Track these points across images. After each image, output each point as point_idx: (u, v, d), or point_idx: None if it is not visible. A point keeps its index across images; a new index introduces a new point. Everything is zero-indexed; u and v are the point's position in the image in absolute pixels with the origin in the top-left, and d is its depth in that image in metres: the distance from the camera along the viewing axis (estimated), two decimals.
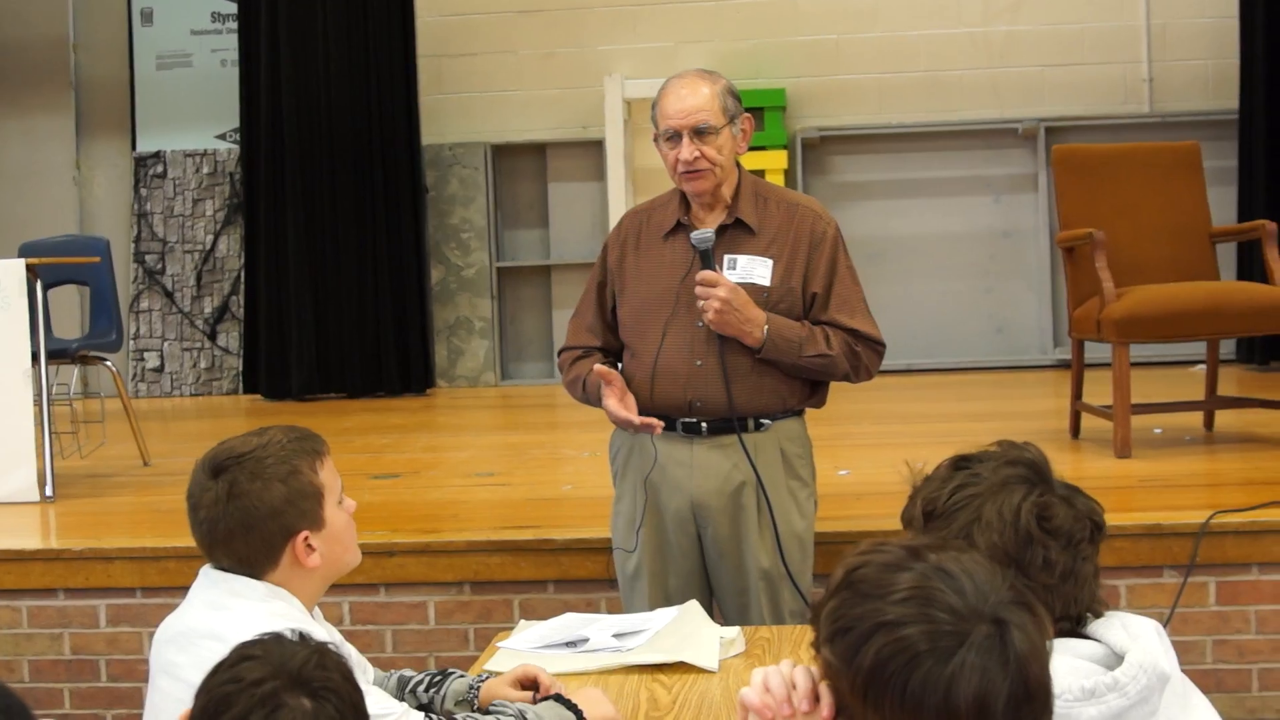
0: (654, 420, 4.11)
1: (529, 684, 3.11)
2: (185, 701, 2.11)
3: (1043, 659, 1.72)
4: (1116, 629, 2.39)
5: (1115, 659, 2.33)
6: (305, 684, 2.05)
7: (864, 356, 4.21)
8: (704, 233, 4.09)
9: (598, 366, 4.15)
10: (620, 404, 4.13)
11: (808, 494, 4.30)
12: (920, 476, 2.52)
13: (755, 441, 4.17)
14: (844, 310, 4.20)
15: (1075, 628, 2.42)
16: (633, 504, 4.27)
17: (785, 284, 4.16)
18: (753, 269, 4.15)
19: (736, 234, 4.18)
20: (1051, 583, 2.36)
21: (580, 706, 2.95)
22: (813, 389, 4.28)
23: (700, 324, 4.11)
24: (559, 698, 2.98)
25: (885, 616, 1.71)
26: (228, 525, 2.85)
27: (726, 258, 4.14)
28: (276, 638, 2.13)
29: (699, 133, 4.11)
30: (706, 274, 4.05)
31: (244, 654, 2.10)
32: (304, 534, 2.88)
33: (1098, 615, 2.43)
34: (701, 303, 4.05)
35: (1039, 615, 1.75)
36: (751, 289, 4.10)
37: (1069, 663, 2.32)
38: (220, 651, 2.12)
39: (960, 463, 2.48)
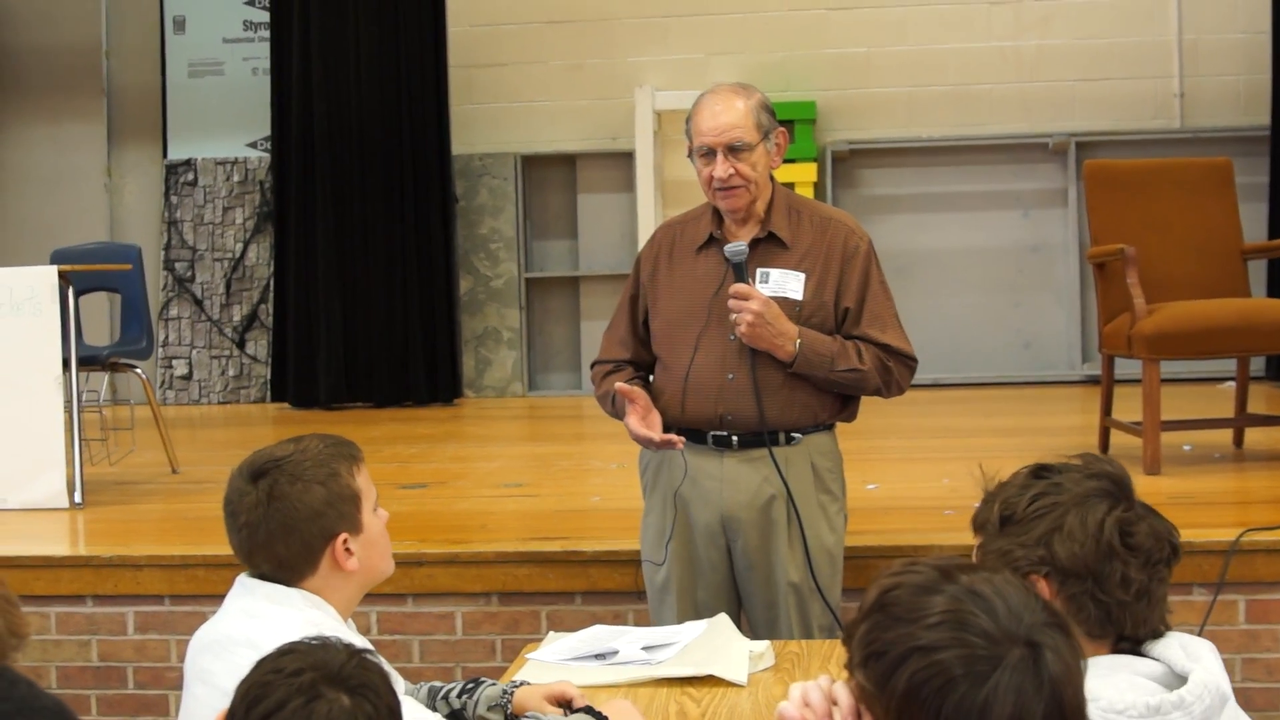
0: (674, 436, 4.11)
1: (563, 702, 3.11)
2: (219, 709, 2.11)
3: (1077, 681, 1.71)
4: (1175, 649, 2.38)
5: (1174, 678, 2.33)
6: (344, 681, 2.05)
7: (896, 372, 4.20)
8: (737, 245, 4.09)
9: (620, 385, 4.15)
10: (641, 422, 4.12)
11: (838, 508, 4.29)
12: (994, 481, 2.52)
13: (786, 455, 4.16)
14: (876, 325, 4.20)
15: (1134, 647, 2.41)
16: (662, 517, 4.27)
17: (818, 298, 4.15)
18: (785, 283, 4.15)
19: (769, 248, 4.17)
20: (1126, 600, 2.36)
21: (610, 718, 2.95)
22: (844, 403, 4.27)
23: (732, 337, 4.11)
24: (590, 710, 2.98)
25: (919, 641, 1.70)
26: (269, 529, 2.86)
27: (759, 271, 4.13)
28: (321, 641, 2.13)
29: (733, 150, 4.10)
30: (740, 287, 4.05)
31: (285, 649, 2.11)
32: (343, 536, 2.89)
33: (1158, 635, 2.42)
34: (734, 316, 4.04)
35: (1072, 637, 1.74)
36: (784, 303, 4.09)
37: (1129, 679, 2.32)
38: (255, 659, 2.13)
39: (1041, 471, 2.47)
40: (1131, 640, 2.39)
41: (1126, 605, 2.35)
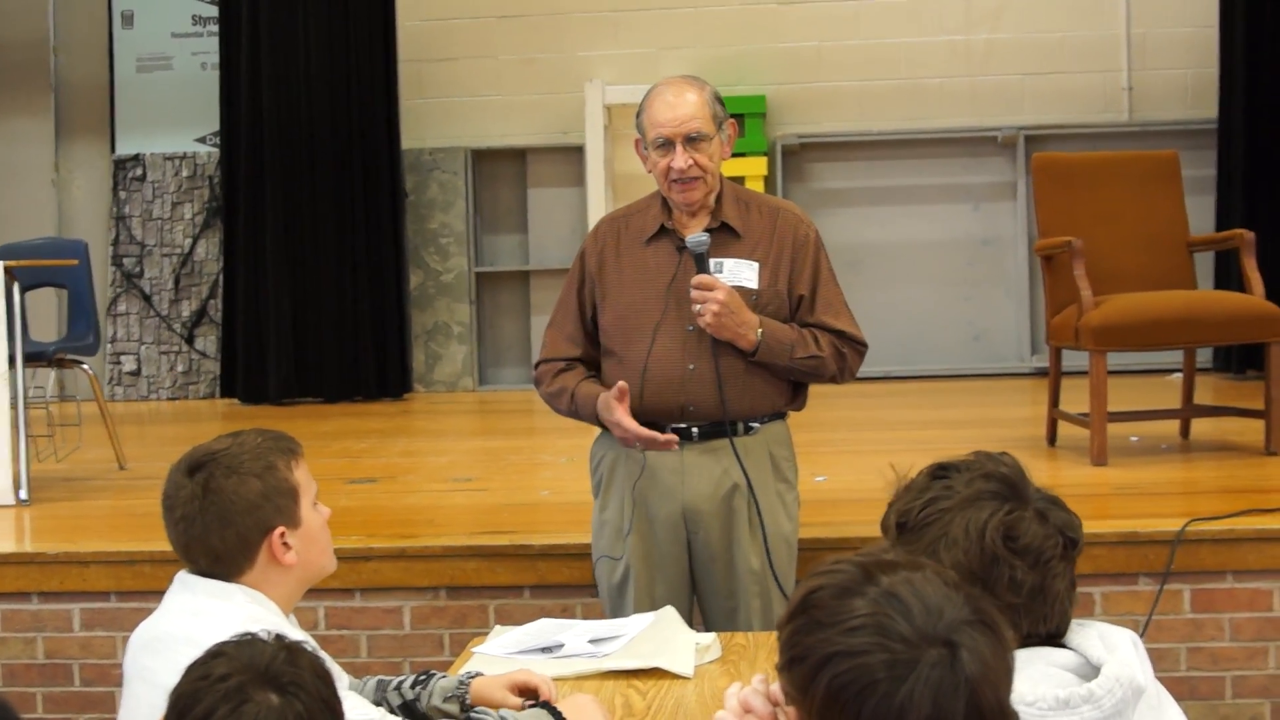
0: (673, 436, 4.12)
1: (525, 692, 3.10)
2: (159, 707, 2.10)
3: (996, 679, 1.70)
4: (1094, 639, 2.37)
5: (1091, 669, 2.32)
6: (273, 680, 2.04)
7: (849, 357, 4.25)
8: (699, 236, 4.10)
9: (619, 386, 4.13)
10: (634, 421, 4.11)
11: (794, 496, 4.34)
12: (903, 482, 2.51)
13: (745, 445, 4.19)
14: (829, 312, 4.24)
15: (1052, 639, 2.40)
16: (620, 512, 4.26)
17: (772, 287, 4.18)
18: (739, 272, 4.17)
19: (722, 238, 4.19)
20: (1017, 602, 2.32)
21: (568, 716, 2.93)
22: (795, 391, 4.31)
23: (691, 328, 4.12)
24: (546, 705, 2.97)
25: (838, 646, 1.69)
26: (204, 522, 2.84)
27: (713, 261, 4.14)
28: (250, 637, 2.13)
29: (691, 141, 4.12)
30: (703, 278, 4.06)
31: (215, 652, 2.10)
32: (280, 530, 2.87)
33: (1063, 631, 2.41)
34: (698, 307, 4.05)
35: (998, 633, 1.73)
36: (740, 292, 4.10)
37: (1043, 670, 2.31)
38: (195, 656, 2.12)
39: (938, 472, 2.45)
40: (1038, 637, 2.38)
41: (1018, 607, 2.33)
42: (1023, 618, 2.34)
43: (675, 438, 4.12)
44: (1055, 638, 2.39)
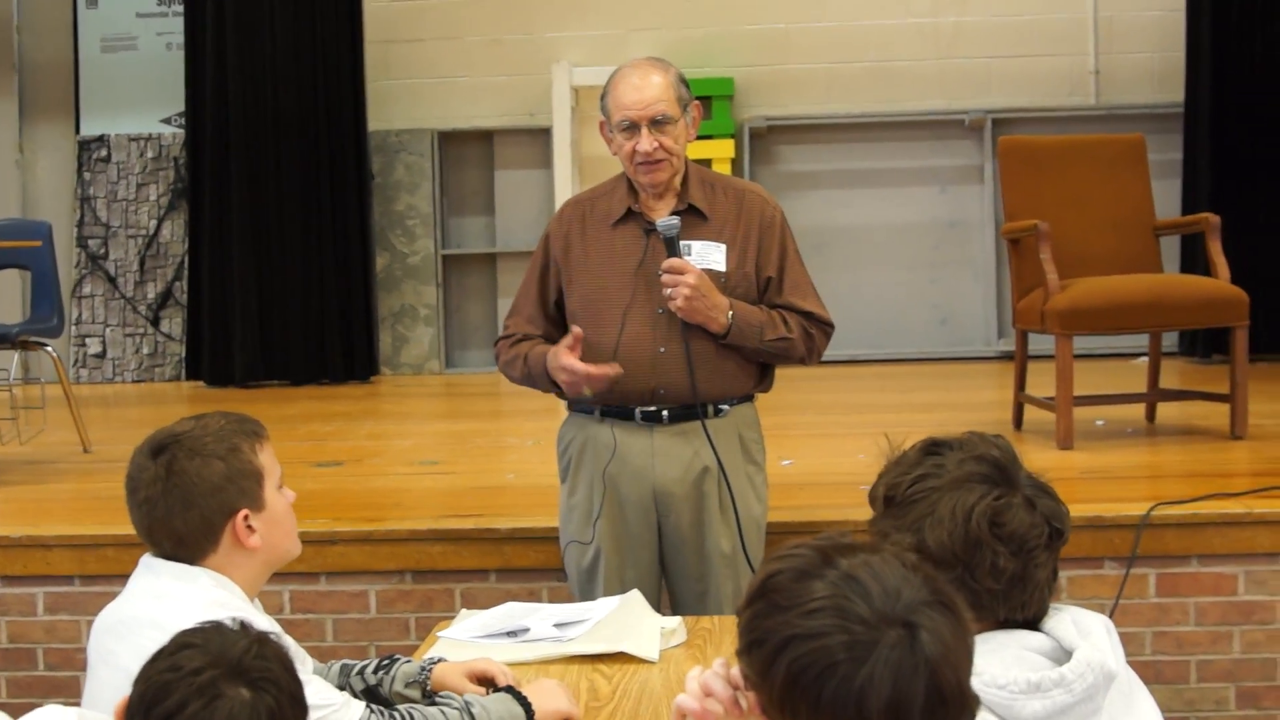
0: (616, 366, 4.09)
1: (484, 680, 3.09)
2: (123, 690, 2.09)
3: (956, 661, 1.70)
4: (1067, 624, 2.37)
5: (1063, 653, 2.32)
6: (244, 674, 2.03)
7: (817, 338, 4.27)
8: (670, 220, 4.09)
9: (564, 340, 4.10)
10: (571, 356, 4.07)
11: (763, 478, 4.35)
12: (895, 454, 2.50)
13: (715, 427, 4.20)
14: (797, 293, 4.25)
15: (1027, 622, 2.40)
16: (588, 496, 4.26)
17: (740, 269, 4.19)
18: (708, 254, 4.17)
19: (689, 220, 4.18)
20: (997, 588, 2.32)
21: (532, 700, 2.93)
22: (763, 374, 4.32)
23: (661, 311, 4.12)
24: (510, 690, 2.97)
25: (797, 629, 1.69)
26: (167, 504, 2.83)
27: (682, 244, 4.13)
28: (217, 626, 2.11)
29: (657, 123, 4.11)
30: (674, 261, 4.05)
31: (183, 642, 2.08)
32: (244, 513, 2.86)
33: (1041, 618, 2.41)
34: (669, 290, 4.04)
35: (957, 614, 1.73)
36: (709, 275, 4.10)
37: (1015, 654, 2.31)
38: (160, 640, 2.11)
39: (930, 448, 2.45)
40: (1014, 624, 2.38)
41: (997, 594, 2.33)
42: (1001, 604, 2.35)
43: (618, 367, 4.09)
44: (1031, 624, 2.39)
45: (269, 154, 10.20)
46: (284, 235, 10.17)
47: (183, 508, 2.83)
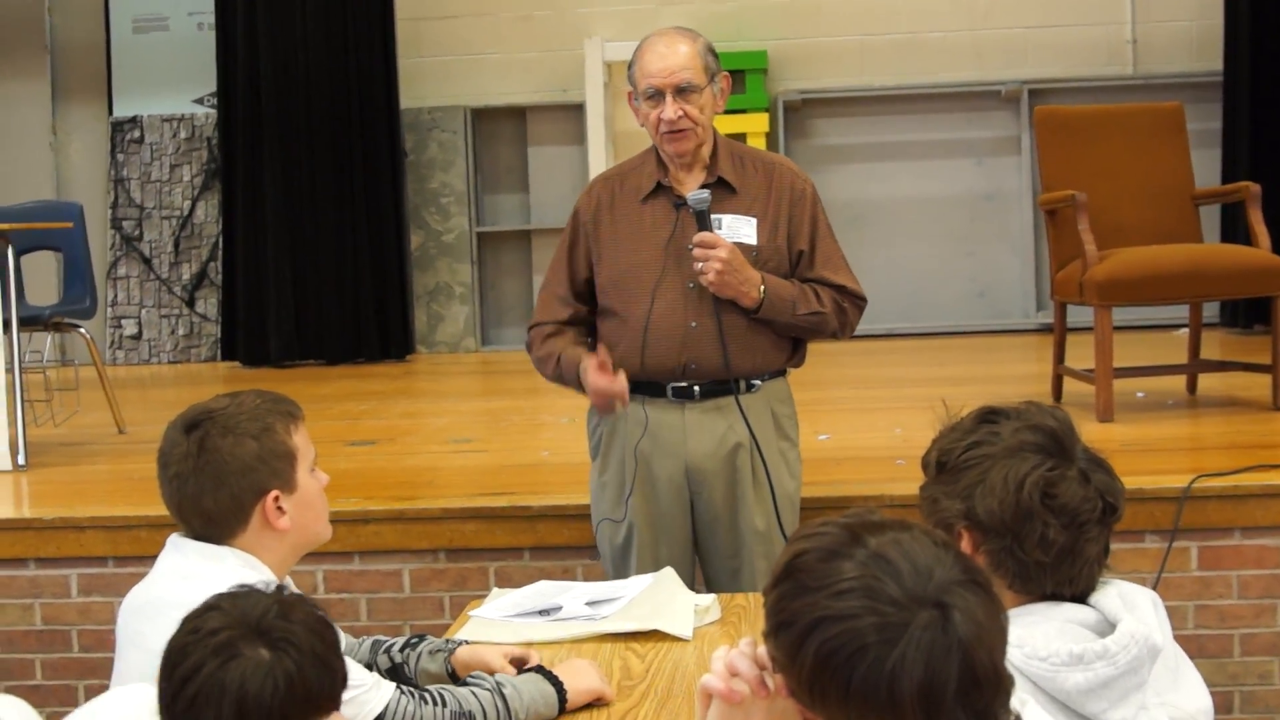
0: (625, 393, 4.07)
1: (516, 662, 3.06)
2: (152, 671, 2.06)
3: (990, 641, 1.65)
4: (1112, 597, 2.34)
5: (1108, 626, 2.29)
6: (265, 634, 2.01)
7: (850, 313, 4.24)
8: (700, 193, 4.06)
9: (591, 363, 4.08)
10: (600, 376, 4.06)
11: (796, 454, 4.32)
12: (951, 420, 2.47)
13: (747, 403, 4.17)
14: (829, 267, 4.21)
15: (1073, 595, 2.36)
16: (620, 473, 4.23)
17: (772, 242, 4.15)
18: (738, 228, 4.13)
19: (719, 193, 4.15)
20: (1045, 561, 2.30)
21: (563, 679, 2.90)
22: (795, 348, 4.28)
23: (692, 285, 4.09)
24: (541, 669, 2.94)
25: (826, 610, 1.65)
26: (198, 481, 2.81)
27: (713, 218, 4.09)
28: (247, 589, 2.09)
29: (681, 91, 4.07)
30: (705, 235, 4.02)
31: (210, 605, 2.08)
32: (275, 493, 2.84)
33: (1089, 593, 2.37)
34: (700, 265, 4.00)
35: (989, 594, 1.68)
36: (740, 249, 4.06)
37: (1059, 626, 2.28)
38: None
39: (987, 416, 2.43)
40: (1059, 599, 2.34)
41: (1045, 566, 2.30)
42: (1048, 577, 2.31)
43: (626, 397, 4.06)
44: (1077, 601, 2.35)
45: (302, 133, 10.19)
46: (318, 214, 10.16)
47: (213, 486, 2.81)
